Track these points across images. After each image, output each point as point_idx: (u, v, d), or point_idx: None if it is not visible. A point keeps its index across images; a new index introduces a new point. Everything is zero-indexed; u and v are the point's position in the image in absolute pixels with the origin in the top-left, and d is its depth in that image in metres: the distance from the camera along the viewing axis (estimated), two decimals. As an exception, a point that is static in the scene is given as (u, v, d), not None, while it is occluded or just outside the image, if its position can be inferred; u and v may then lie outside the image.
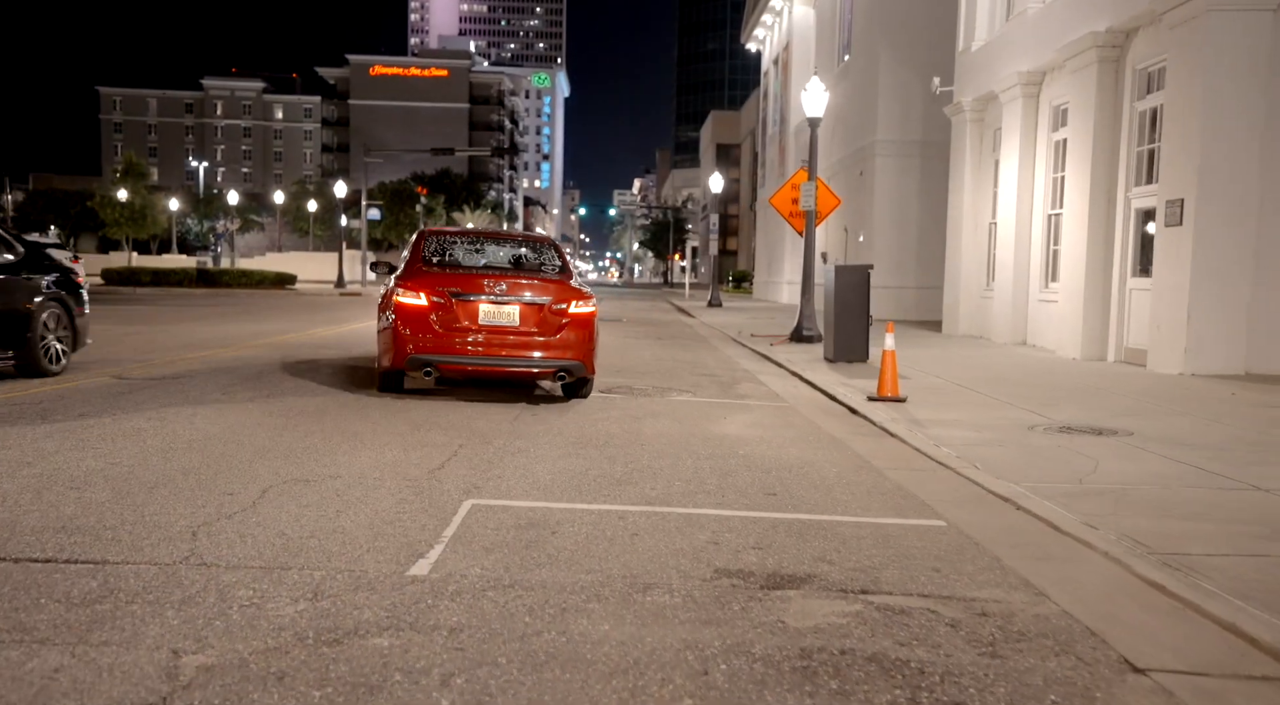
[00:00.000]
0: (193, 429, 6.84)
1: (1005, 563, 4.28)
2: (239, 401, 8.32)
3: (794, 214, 18.65)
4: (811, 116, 17.65)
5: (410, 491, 5.24)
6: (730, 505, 5.24)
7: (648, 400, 9.58)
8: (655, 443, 7.14)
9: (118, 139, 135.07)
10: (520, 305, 9.00)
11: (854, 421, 8.66)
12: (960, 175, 20.20)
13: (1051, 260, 16.62)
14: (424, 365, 8.85)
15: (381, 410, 8.19)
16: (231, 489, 5.10)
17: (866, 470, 6.37)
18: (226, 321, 19.49)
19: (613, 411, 8.71)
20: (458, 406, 8.60)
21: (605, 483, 5.70)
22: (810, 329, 17.51)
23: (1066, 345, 14.79)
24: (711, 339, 19.21)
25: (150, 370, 10.43)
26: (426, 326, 8.85)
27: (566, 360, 9.03)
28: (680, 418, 8.49)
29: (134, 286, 36.98)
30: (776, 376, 12.47)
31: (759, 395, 10.46)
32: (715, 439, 7.43)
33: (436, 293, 8.94)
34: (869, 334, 13.74)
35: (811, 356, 14.63)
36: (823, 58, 35.84)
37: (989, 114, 19.34)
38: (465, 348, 8.88)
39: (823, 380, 11.50)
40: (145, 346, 13.36)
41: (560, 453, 6.60)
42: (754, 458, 6.67)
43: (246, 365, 11.29)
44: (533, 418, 8.17)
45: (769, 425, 8.30)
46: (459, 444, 6.76)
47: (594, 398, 9.59)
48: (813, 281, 17.90)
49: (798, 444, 7.35)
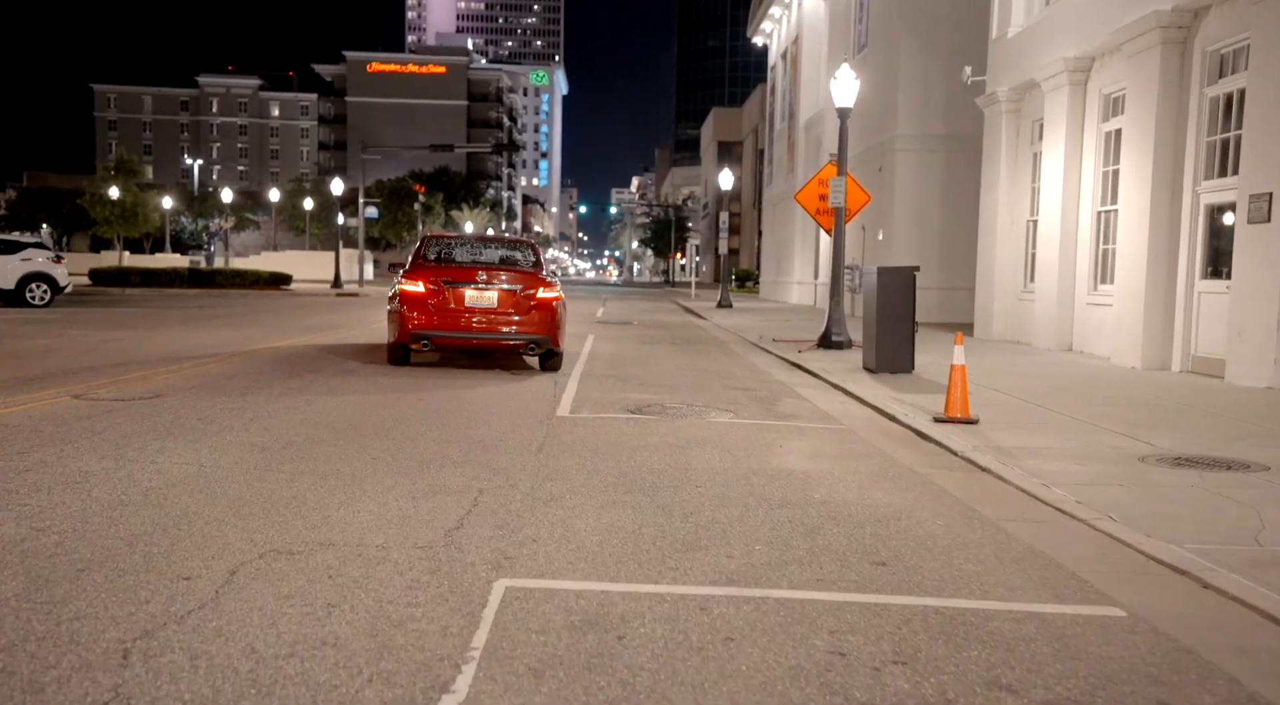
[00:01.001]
0: (155, 472, 5.65)
1: (1251, 687, 3.12)
2: (217, 430, 7.14)
3: (821, 211, 17.50)
4: (841, 106, 16.49)
5: (424, 567, 4.07)
6: (835, 582, 4.08)
7: (686, 422, 8.41)
8: (711, 483, 5.97)
9: (112, 136, 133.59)
10: (498, 291, 11.31)
11: (928, 450, 7.50)
12: (994, 170, 19.04)
13: (1102, 260, 15.46)
14: (422, 338, 11.18)
15: (383, 441, 7.01)
16: (190, 569, 3.91)
17: (978, 523, 5.21)
18: (215, 327, 18.30)
19: (650, 438, 7.54)
20: (471, 432, 7.43)
21: (668, 546, 4.53)
22: (840, 334, 16.36)
23: (1124, 353, 13.63)
24: (731, 344, 18.04)
25: (120, 388, 9.24)
26: (424, 308, 11.17)
27: (535, 335, 11.34)
28: (729, 446, 7.32)
29: (123, 287, 35.74)
30: (817, 390, 11.30)
31: (807, 415, 9.29)
32: (779, 476, 6.26)
33: (432, 282, 11.26)
34: (915, 342, 12.57)
35: (848, 366, 13.47)
36: (836, 50, 34.63)
37: (1026, 104, 18.18)
38: (455, 325, 11.16)
39: (872, 395, 10.34)
40: (121, 357, 12.17)
41: (602, 499, 5.43)
42: (835, 504, 5.50)
43: (232, 380, 10.11)
44: (560, 447, 6.99)
45: (833, 455, 7.14)
46: (478, 488, 5.59)
47: (626, 420, 8.43)
48: (842, 283, 16.77)
49: (878, 483, 6.18)
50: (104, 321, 18.93)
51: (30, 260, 23.41)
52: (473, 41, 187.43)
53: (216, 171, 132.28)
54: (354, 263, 50.83)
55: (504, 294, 11.29)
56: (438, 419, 8.08)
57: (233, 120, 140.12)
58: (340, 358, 12.79)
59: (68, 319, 19.39)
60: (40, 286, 23.41)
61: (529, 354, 11.77)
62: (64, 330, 16.44)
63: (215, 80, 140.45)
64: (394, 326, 11.50)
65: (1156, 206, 13.04)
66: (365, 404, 8.76)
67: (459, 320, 11.17)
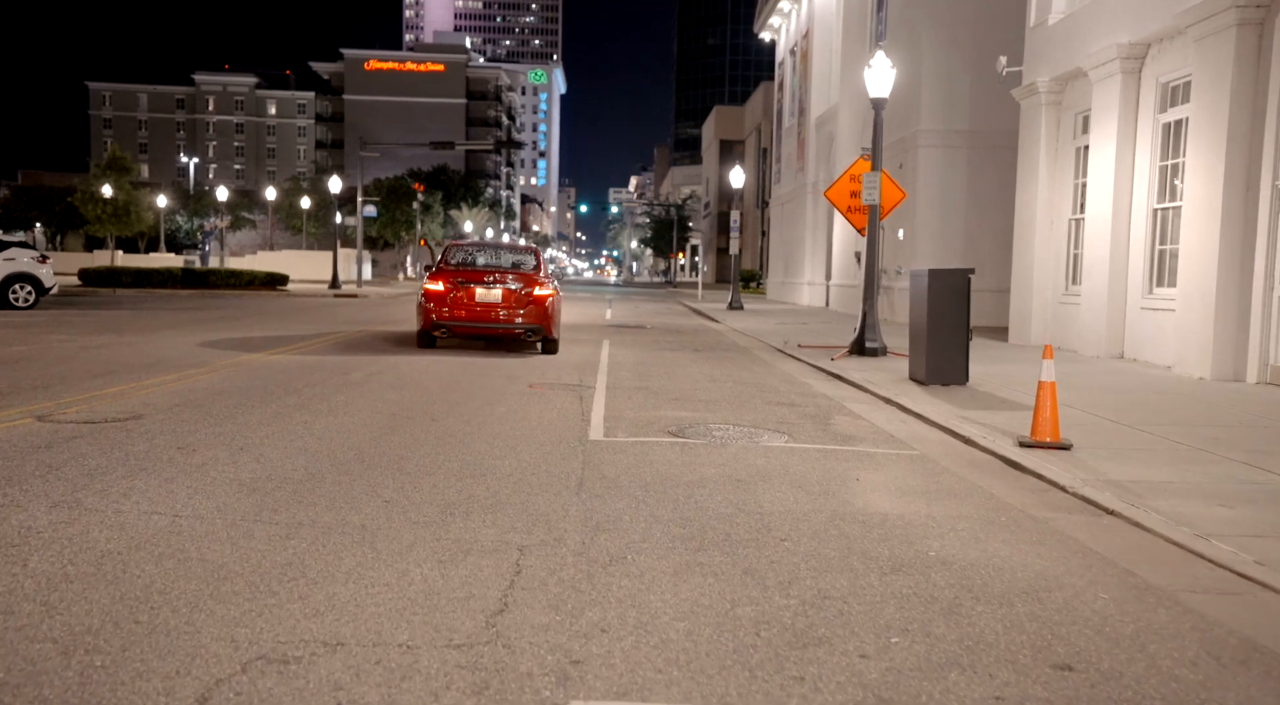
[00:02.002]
0: (117, 527, 4.57)
1: None
2: (199, 463, 6.06)
3: (853, 209, 16.43)
4: (876, 97, 15.44)
5: (466, 683, 2.99)
6: (1021, 701, 3.01)
7: (739, 448, 7.34)
8: (796, 534, 4.91)
9: (108, 135, 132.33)
10: (503, 289, 13.71)
11: (1030, 485, 6.43)
12: (1032, 165, 17.98)
13: (1158, 261, 14.40)
14: (441, 327, 13.74)
15: (396, 477, 5.94)
16: (142, 697, 2.83)
17: (1151, 596, 4.14)
18: (207, 331, 17.20)
19: (704, 469, 6.47)
20: (496, 463, 6.35)
21: (777, 639, 3.46)
22: (874, 341, 15.31)
23: (1189, 362, 12.58)
24: (756, 351, 16.97)
25: (93, 406, 8.15)
26: (444, 302, 13.67)
27: (532, 324, 13.79)
28: (799, 480, 6.26)
29: (114, 288, 34.58)
30: (870, 405, 10.24)
31: (870, 437, 8.22)
32: (873, 523, 5.20)
33: (450, 282, 13.73)
34: (969, 351, 11.51)
35: (892, 376, 12.41)
36: (851, 44, 33.61)
37: (1069, 95, 17.12)
38: (467, 316, 13.67)
39: (934, 413, 9.27)
40: (101, 366, 11.08)
41: (673, 561, 4.36)
42: (960, 567, 4.44)
43: (220, 397, 9.03)
44: (603, 484, 5.92)
45: (922, 492, 6.08)
46: (517, 544, 4.53)
47: (670, 445, 7.36)
48: (876, 286, 15.70)
49: (994, 532, 5.12)
50: (89, 325, 17.82)
51: (13, 260, 22.28)
52: (470, 40, 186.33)
53: (213, 170, 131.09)
54: (352, 263, 49.72)
55: (507, 292, 13.76)
56: (456, 446, 7.01)
57: (229, 118, 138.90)
58: (341, 368, 11.71)
59: (51, 322, 18.30)
60: (24, 288, 22.30)
61: (528, 340, 14.38)
62: (44, 335, 15.34)
63: (212, 78, 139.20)
64: (421, 317, 14.13)
65: (1229, 202, 11.99)
66: (372, 426, 7.68)
67: (471, 313, 13.71)
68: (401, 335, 17.21)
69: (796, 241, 42.33)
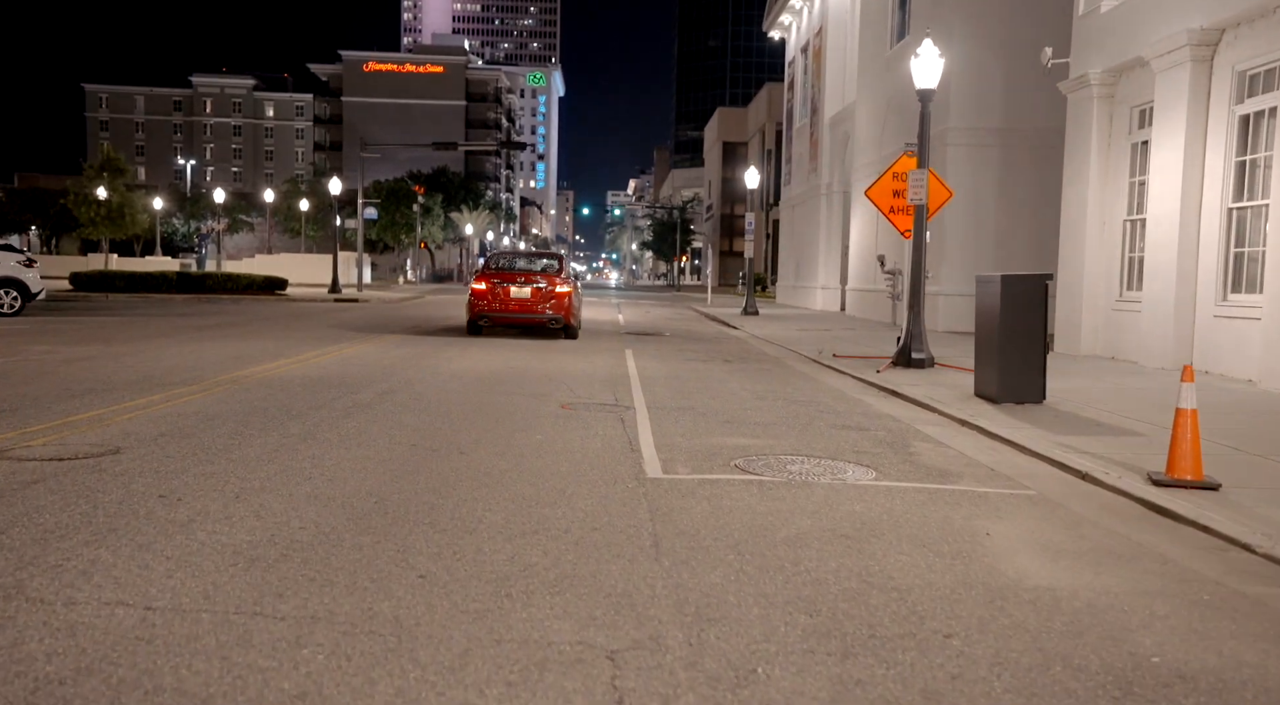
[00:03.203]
0: (64, 633, 3.38)
1: None
2: (184, 519, 4.90)
3: (896, 209, 15.30)
4: (924, 88, 14.29)
5: None
6: None
7: (826, 489, 6.20)
8: (962, 628, 3.75)
9: (104, 137, 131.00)
10: (531, 288, 17.47)
11: (1201, 541, 5.28)
12: (1081, 163, 16.85)
13: (1233, 264, 13.27)
14: (483, 317, 17.71)
15: (429, 535, 4.78)
16: None
17: None
18: (202, 340, 16.04)
19: (797, 519, 5.32)
20: (546, 511, 5.20)
21: None
22: (920, 351, 14.16)
23: (1279, 374, 11.45)
24: (790, 362, 15.83)
25: (64, 437, 6.99)
26: (485, 299, 17.60)
27: (555, 314, 17.48)
28: (916, 535, 5.11)
29: (106, 292, 33.36)
30: (943, 427, 9.09)
31: (965, 470, 7.07)
32: (1045, 606, 4.05)
33: (489, 282, 17.68)
34: (1046, 366, 10.37)
35: (953, 391, 11.28)
36: (869, 41, 32.51)
37: (1124, 87, 15.99)
38: (503, 308, 17.52)
39: (1025, 438, 8.13)
40: (81, 383, 9.92)
41: (822, 679, 3.20)
42: (1208, 685, 3.29)
43: (214, 422, 7.87)
44: (685, 544, 4.77)
45: (1074, 553, 4.93)
46: (606, 649, 3.38)
47: (743, 484, 6.21)
48: (922, 293, 14.57)
49: (1213, 621, 3.97)
50: (75, 334, 16.65)
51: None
52: (469, 43, 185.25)
53: (210, 173, 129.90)
54: (352, 266, 48.53)
55: (535, 290, 17.59)
56: (494, 488, 5.86)
57: (226, 121, 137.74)
58: (349, 384, 10.55)
59: (35, 331, 17.12)
60: (9, 293, 21.11)
61: (552, 327, 17.92)
62: (24, 345, 14.17)
63: (209, 80, 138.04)
64: (468, 310, 18.19)
65: (1328, 202, 10.86)
66: (392, 461, 6.53)
67: (506, 306, 17.66)
68: (411, 344, 16.06)
69: (809, 244, 41.21)
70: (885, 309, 28.82)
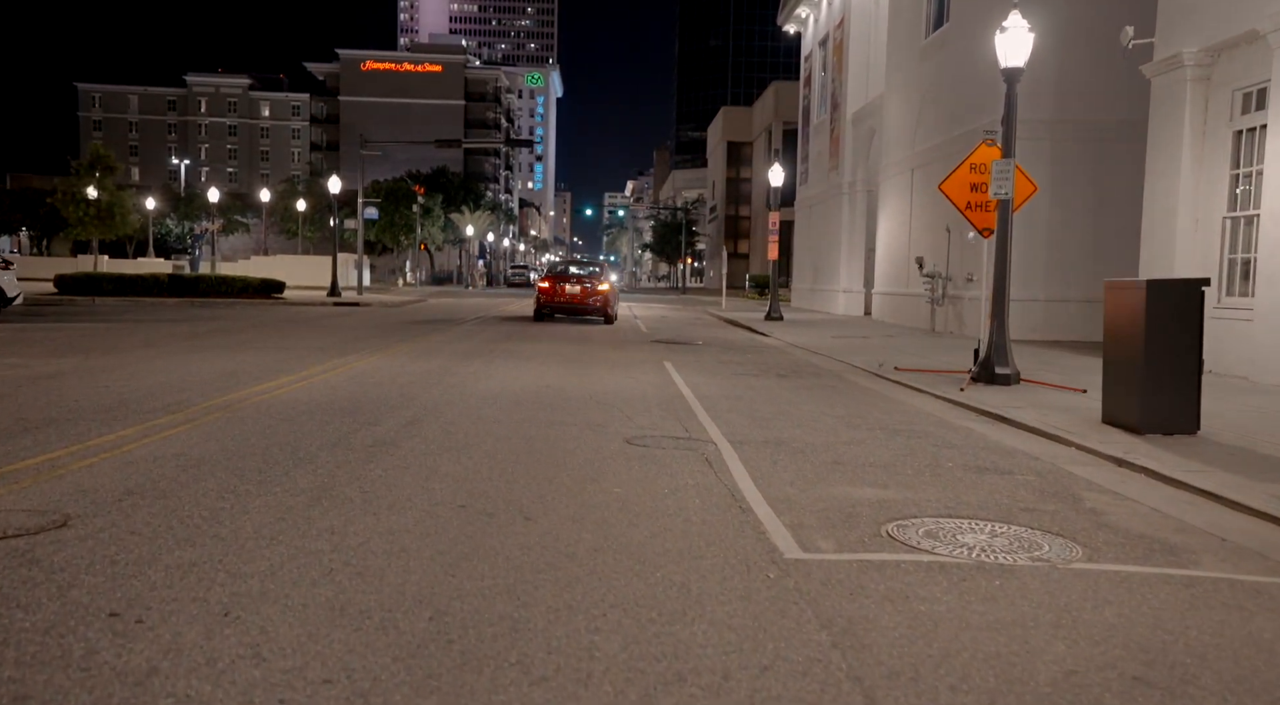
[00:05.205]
0: None
1: None
2: (145, 672, 3.18)
3: (974, 205, 13.64)
4: (1010, 67, 12.66)
5: None
6: None
7: (1034, 579, 4.49)
8: None
9: (97, 137, 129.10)
10: (580, 287, 25.14)
11: None
12: (1170, 154, 15.19)
13: (1373, 269, 11.61)
14: (548, 307, 25.33)
15: (521, 688, 3.07)
16: None
17: None
18: (193, 351, 14.31)
19: (1032, 636, 3.62)
20: (676, 630, 3.50)
21: None
22: (1004, 366, 12.51)
23: None
24: (848, 375, 14.13)
25: (11, 489, 5.26)
26: (547, 294, 25.37)
27: (597, 306, 25.03)
28: (1230, 670, 3.42)
29: (93, 296, 31.55)
30: (1096, 468, 7.39)
31: (1193, 543, 5.37)
32: None
33: (551, 283, 25.75)
34: (1200, 389, 8.68)
35: (1072, 417, 9.60)
36: (900, 30, 30.88)
37: (1222, 68, 14.33)
38: (560, 301, 25.13)
39: (1222, 485, 6.46)
40: (41, 411, 8.18)
41: None
42: None
43: (199, 470, 6.15)
44: (898, 693, 3.08)
45: None
46: None
47: (913, 566, 4.49)
48: (1006, 300, 12.91)
49: None
50: (51, 344, 14.91)
51: (-29, 267, 19.38)
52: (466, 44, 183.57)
53: (205, 173, 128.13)
54: (350, 268, 46.76)
55: (583, 288, 25.03)
56: (587, 582, 4.14)
57: (222, 120, 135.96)
58: (365, 411, 8.82)
59: (6, 340, 15.37)
60: (-18, 298, 19.39)
61: (595, 315, 25.34)
62: (-12, 360, 12.43)
63: (204, 80, 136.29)
64: (535, 303, 25.73)
65: None
66: (437, 536, 4.81)
67: (563, 298, 25.00)
68: (427, 356, 14.33)
69: (829, 246, 39.53)
70: (917, 314, 27.20)
